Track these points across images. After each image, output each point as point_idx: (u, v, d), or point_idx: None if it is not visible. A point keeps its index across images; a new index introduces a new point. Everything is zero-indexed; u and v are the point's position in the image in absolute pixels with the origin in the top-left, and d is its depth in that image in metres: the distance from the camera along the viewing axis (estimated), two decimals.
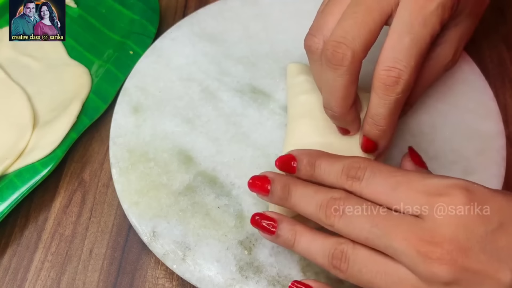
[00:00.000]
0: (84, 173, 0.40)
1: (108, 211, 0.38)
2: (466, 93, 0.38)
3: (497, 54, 0.44)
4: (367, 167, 0.27)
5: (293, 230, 0.28)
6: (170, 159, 0.37)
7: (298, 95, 0.36)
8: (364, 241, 0.26)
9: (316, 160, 0.29)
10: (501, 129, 0.36)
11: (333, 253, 0.26)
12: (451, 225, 0.24)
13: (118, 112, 0.39)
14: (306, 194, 0.28)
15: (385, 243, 0.25)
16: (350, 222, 0.26)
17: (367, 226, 0.25)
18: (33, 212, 0.39)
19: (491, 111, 0.37)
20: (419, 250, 0.23)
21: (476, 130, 0.36)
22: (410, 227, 0.24)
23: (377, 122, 0.30)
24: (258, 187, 0.30)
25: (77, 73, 0.44)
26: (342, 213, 0.26)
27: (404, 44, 0.28)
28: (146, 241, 0.33)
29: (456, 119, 0.37)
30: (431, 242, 0.23)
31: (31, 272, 0.36)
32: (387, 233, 0.25)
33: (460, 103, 0.38)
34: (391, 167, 0.27)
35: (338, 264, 0.26)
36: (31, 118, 0.41)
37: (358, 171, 0.27)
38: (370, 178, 0.27)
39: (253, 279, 0.32)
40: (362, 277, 0.25)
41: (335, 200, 0.27)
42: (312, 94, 0.35)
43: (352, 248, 0.26)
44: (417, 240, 0.24)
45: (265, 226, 0.29)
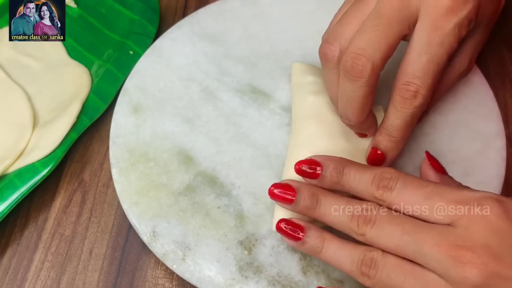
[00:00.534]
0: (84, 173, 0.40)
1: (108, 211, 0.38)
2: (466, 93, 0.38)
3: (497, 55, 0.44)
4: (399, 177, 0.28)
5: (321, 237, 0.29)
6: (170, 159, 0.37)
7: (305, 95, 0.36)
8: (394, 249, 0.26)
9: (345, 168, 0.29)
10: (501, 129, 0.36)
11: (362, 260, 0.27)
12: (482, 232, 0.24)
13: (118, 112, 0.39)
14: (337, 204, 0.28)
15: (416, 249, 0.25)
16: (381, 231, 0.27)
17: (398, 234, 0.26)
18: (33, 212, 0.39)
19: (491, 111, 0.37)
20: (450, 254, 0.24)
21: (476, 130, 0.36)
22: (442, 234, 0.25)
23: (392, 133, 0.31)
24: (281, 197, 0.30)
25: (77, 73, 0.44)
26: (374, 223, 0.27)
27: (422, 63, 0.29)
28: (146, 241, 0.33)
29: (456, 119, 0.37)
30: (463, 247, 0.24)
31: (31, 272, 0.36)
32: (418, 239, 0.25)
33: (460, 104, 0.38)
34: (421, 179, 0.28)
35: (367, 271, 0.26)
36: (31, 118, 0.41)
37: (389, 181, 0.28)
38: (401, 189, 0.27)
39: (253, 279, 0.32)
40: (390, 282, 0.26)
41: (367, 211, 0.27)
42: (320, 96, 0.35)
43: (381, 255, 0.26)
44: (448, 245, 0.24)
45: (291, 232, 0.29)
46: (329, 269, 0.32)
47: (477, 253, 0.24)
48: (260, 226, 0.34)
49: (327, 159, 0.30)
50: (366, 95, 0.30)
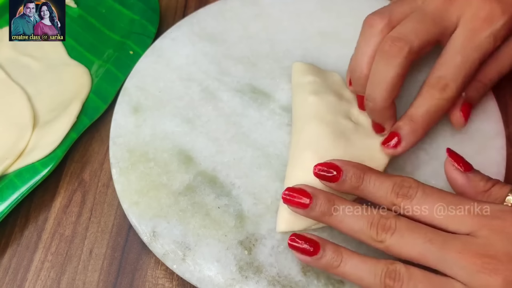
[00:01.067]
0: (84, 173, 0.40)
1: (108, 211, 0.38)
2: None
3: None
4: (419, 186, 0.28)
5: (338, 252, 0.28)
6: (170, 159, 0.37)
7: (305, 95, 0.36)
8: (415, 256, 0.26)
9: (365, 174, 0.29)
10: (501, 129, 0.36)
11: (386, 272, 0.26)
12: (504, 241, 0.25)
13: (118, 112, 0.39)
14: (355, 212, 0.28)
15: (439, 257, 0.25)
16: (402, 238, 0.26)
17: (420, 242, 0.26)
18: (33, 212, 0.39)
19: (491, 111, 0.37)
20: (474, 262, 0.24)
21: (476, 130, 0.36)
22: (464, 243, 0.25)
23: (413, 118, 0.32)
24: (295, 202, 0.30)
25: (77, 73, 0.44)
26: (394, 230, 0.27)
27: (456, 62, 0.32)
28: (146, 241, 0.33)
29: None
30: (486, 255, 0.24)
31: (31, 272, 0.36)
32: (441, 247, 0.25)
33: None
34: (441, 190, 0.28)
35: (392, 283, 0.26)
36: (31, 118, 0.41)
37: (409, 190, 0.28)
38: (422, 198, 0.27)
39: (253, 279, 0.32)
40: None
41: (387, 219, 0.27)
42: (320, 96, 0.35)
43: (405, 267, 0.26)
44: (472, 253, 0.25)
45: (305, 248, 0.29)
46: None
47: (500, 261, 0.24)
48: (260, 226, 0.34)
49: (347, 164, 0.30)
50: (398, 77, 0.31)
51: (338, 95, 0.36)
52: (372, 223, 0.27)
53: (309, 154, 0.32)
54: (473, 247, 0.25)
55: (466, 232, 0.26)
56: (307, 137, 0.34)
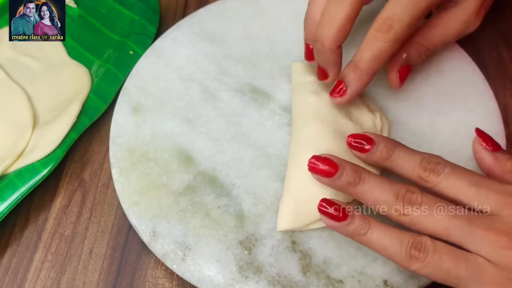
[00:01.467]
0: (84, 173, 0.40)
1: (108, 211, 0.38)
2: (466, 93, 0.38)
3: (496, 54, 0.44)
4: (447, 164, 0.28)
5: (366, 220, 0.28)
6: (170, 159, 0.37)
7: (305, 95, 0.36)
8: (441, 232, 0.27)
9: (396, 147, 0.30)
10: (501, 129, 0.36)
11: (411, 243, 0.27)
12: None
13: (118, 112, 0.39)
14: (381, 184, 0.29)
15: (465, 233, 0.26)
16: (428, 213, 0.27)
17: (446, 217, 0.26)
18: (33, 212, 0.39)
19: (491, 111, 0.37)
20: (499, 239, 0.25)
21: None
22: (489, 220, 0.26)
23: (358, 64, 0.32)
24: (322, 170, 0.30)
25: (77, 73, 0.44)
26: (420, 204, 0.27)
27: (402, 3, 0.31)
28: (146, 241, 0.33)
29: (456, 119, 0.37)
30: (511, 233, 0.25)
31: (31, 272, 0.36)
32: (468, 224, 0.26)
33: (460, 103, 0.37)
34: (468, 169, 0.28)
35: (417, 254, 0.26)
36: (31, 118, 0.41)
37: (437, 166, 0.28)
38: (448, 174, 0.28)
39: (253, 279, 0.32)
40: (442, 265, 0.26)
41: (412, 193, 0.28)
42: (320, 96, 0.35)
43: (430, 239, 0.27)
44: (497, 230, 0.25)
45: (334, 213, 0.29)
46: (329, 269, 0.32)
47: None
48: (260, 226, 0.34)
49: (379, 136, 0.31)
50: (347, 18, 0.32)
51: None
52: (399, 195, 0.28)
53: (309, 154, 0.32)
54: (498, 225, 0.25)
55: (491, 210, 0.26)
56: (307, 137, 0.34)
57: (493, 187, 0.27)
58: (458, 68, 0.39)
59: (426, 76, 0.39)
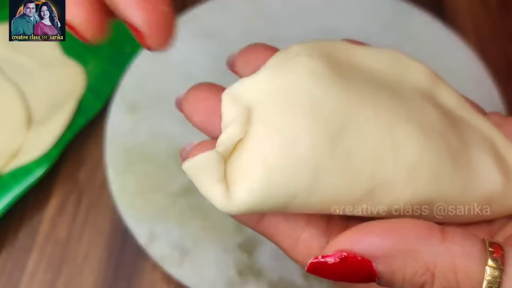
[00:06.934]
0: (80, 174, 0.40)
1: (104, 213, 0.38)
2: (470, 91, 0.37)
3: (503, 51, 0.43)
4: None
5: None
6: (167, 160, 0.36)
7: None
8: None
9: None
10: None
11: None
12: None
13: (114, 111, 0.39)
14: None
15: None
16: None
17: None
18: (28, 214, 0.38)
19: (497, 109, 0.37)
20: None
21: None
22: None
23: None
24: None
25: (73, 71, 0.43)
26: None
27: None
28: (143, 244, 0.33)
29: None
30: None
31: (25, 275, 0.36)
32: None
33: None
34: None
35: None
36: (25, 118, 0.40)
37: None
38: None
39: (253, 282, 0.31)
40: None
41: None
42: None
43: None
44: None
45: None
46: None
47: None
48: None
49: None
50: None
51: None
52: None
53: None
54: None
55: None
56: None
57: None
58: (464, 65, 0.39)
59: None
